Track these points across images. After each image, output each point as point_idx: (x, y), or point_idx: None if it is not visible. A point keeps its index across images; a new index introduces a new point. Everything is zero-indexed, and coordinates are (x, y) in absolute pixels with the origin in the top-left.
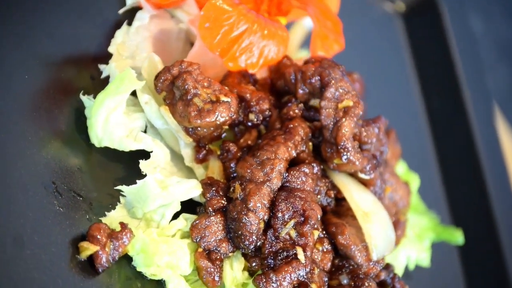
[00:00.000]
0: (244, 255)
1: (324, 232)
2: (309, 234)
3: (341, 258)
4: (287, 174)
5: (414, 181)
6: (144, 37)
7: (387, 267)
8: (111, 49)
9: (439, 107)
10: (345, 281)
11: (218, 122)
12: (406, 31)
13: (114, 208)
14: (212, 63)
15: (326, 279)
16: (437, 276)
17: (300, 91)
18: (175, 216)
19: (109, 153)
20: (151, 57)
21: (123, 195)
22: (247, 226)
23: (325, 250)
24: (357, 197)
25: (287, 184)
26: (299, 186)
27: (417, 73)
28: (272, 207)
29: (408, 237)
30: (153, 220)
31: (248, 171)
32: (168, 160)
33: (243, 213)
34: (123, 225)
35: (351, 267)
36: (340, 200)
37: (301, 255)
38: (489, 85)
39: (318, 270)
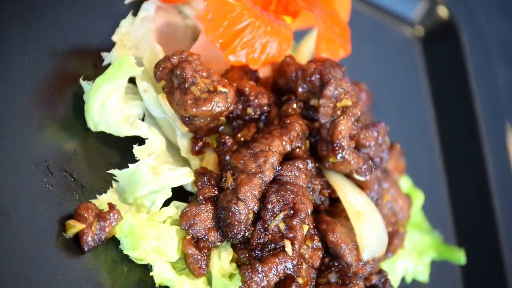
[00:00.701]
0: (233, 246)
1: (315, 230)
2: (298, 227)
3: (332, 258)
4: (280, 168)
5: (419, 197)
6: (149, 29)
7: (380, 272)
8: (115, 37)
9: (452, 129)
10: (333, 280)
11: (214, 112)
12: (424, 55)
13: (105, 192)
14: (215, 58)
15: (314, 275)
16: None
17: (300, 89)
18: (167, 203)
19: (104, 138)
20: (153, 47)
21: (115, 180)
22: (236, 215)
23: (315, 247)
24: (351, 196)
25: (280, 178)
26: (291, 180)
27: (432, 95)
28: (263, 199)
29: (406, 250)
30: (143, 206)
31: (241, 162)
32: (163, 149)
33: (232, 202)
34: (111, 206)
35: (340, 266)
36: (334, 200)
37: (288, 248)
38: (504, 110)
39: (306, 265)
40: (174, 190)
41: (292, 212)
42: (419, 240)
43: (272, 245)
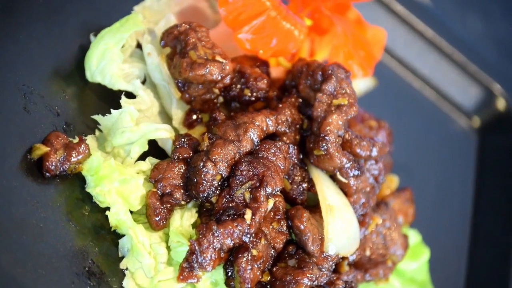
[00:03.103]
0: (199, 212)
1: (285, 216)
2: (262, 199)
3: (297, 248)
4: (259, 144)
5: (425, 253)
6: (174, 11)
7: (347, 283)
8: (137, 8)
9: (487, 224)
10: (291, 264)
11: (207, 78)
12: (479, 146)
13: (85, 136)
14: (232, 50)
15: (272, 255)
16: None
17: (302, 84)
18: (144, 159)
19: (100, 93)
20: (168, 18)
21: (99, 130)
22: (202, 174)
23: (280, 230)
24: (327, 190)
25: (257, 153)
26: (268, 157)
27: (477, 186)
28: (235, 168)
29: (392, 285)
30: (119, 156)
31: (222, 129)
32: (155, 113)
33: (202, 160)
34: (81, 139)
35: (302, 255)
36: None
37: (248, 216)
38: None
39: (266, 242)
40: (155, 151)
41: (259, 184)
42: None
43: (233, 212)
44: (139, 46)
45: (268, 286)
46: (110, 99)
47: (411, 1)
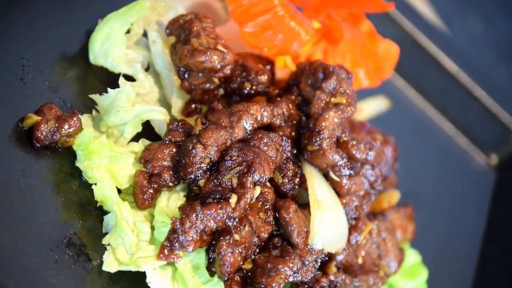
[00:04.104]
0: (187, 197)
1: (273, 208)
2: (248, 185)
3: (282, 240)
4: (252, 133)
5: (422, 273)
6: (186, 6)
7: (332, 282)
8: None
9: (494, 260)
10: (274, 254)
11: (206, 65)
12: (495, 184)
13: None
14: (240, 49)
15: (256, 243)
16: None
17: (303, 82)
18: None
19: (101, 76)
20: (176, 9)
21: (96, 110)
22: (191, 155)
23: (266, 221)
24: (318, 186)
25: (249, 141)
26: (259, 146)
27: (489, 223)
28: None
29: None
30: (113, 136)
31: (217, 116)
32: (154, 99)
33: (193, 142)
34: (73, 112)
35: (287, 246)
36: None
37: (233, 200)
38: None
39: (250, 229)
40: (151, 137)
41: (247, 170)
42: None
43: (218, 195)
44: (146, 35)
45: (249, 274)
46: (112, 83)
47: (434, 33)
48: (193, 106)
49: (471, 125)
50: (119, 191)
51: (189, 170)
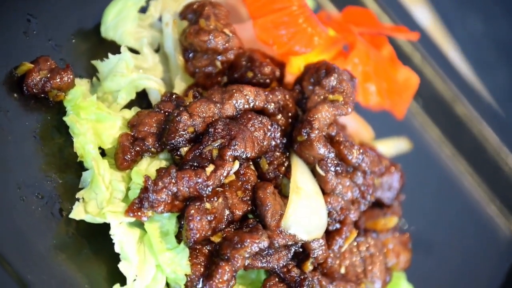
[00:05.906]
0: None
1: (251, 191)
2: (227, 157)
3: (257, 223)
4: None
5: None
6: None
7: (303, 274)
8: None
9: None
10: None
11: (210, 45)
12: None
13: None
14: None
15: (228, 217)
16: None
17: (307, 78)
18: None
19: (108, 49)
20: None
21: (97, 78)
22: (175, 122)
23: (243, 200)
24: (300, 176)
25: (238, 120)
26: (246, 125)
27: None
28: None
29: None
30: (107, 101)
31: (210, 91)
32: (158, 79)
33: (179, 110)
34: (68, 66)
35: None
36: None
37: (209, 169)
38: None
39: (223, 202)
40: (146, 107)
41: (228, 143)
42: None
43: (196, 164)
44: (161, 20)
45: (217, 247)
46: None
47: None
48: (194, 89)
49: (498, 193)
50: (103, 154)
51: (171, 135)
